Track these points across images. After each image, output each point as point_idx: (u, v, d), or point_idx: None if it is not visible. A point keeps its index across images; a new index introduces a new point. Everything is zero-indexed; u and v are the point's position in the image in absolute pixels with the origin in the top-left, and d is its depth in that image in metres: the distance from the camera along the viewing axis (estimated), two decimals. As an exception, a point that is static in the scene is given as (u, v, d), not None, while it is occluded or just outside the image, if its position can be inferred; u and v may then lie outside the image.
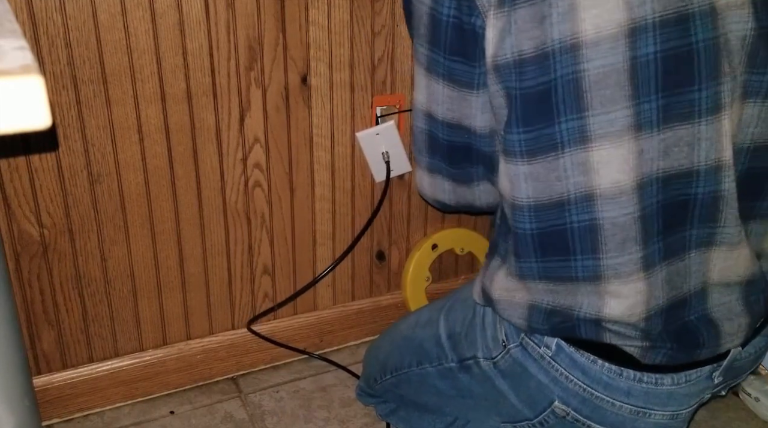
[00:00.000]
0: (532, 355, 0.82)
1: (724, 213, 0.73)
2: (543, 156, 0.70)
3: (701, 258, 0.74)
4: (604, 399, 0.79)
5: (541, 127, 0.69)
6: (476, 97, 0.77)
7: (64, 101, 0.93)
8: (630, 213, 0.70)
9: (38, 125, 0.38)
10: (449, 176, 0.87)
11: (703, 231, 0.73)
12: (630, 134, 0.67)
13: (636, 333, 0.74)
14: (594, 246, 0.72)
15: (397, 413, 1.07)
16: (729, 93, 0.69)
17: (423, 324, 0.99)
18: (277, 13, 1.00)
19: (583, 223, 0.71)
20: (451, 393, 0.95)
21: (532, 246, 0.75)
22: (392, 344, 1.05)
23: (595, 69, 0.66)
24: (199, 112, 1.01)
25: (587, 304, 0.74)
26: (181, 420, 1.11)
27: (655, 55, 0.66)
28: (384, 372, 1.04)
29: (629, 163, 0.68)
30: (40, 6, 0.87)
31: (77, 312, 1.05)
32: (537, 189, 0.72)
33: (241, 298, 1.16)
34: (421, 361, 0.97)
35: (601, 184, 0.69)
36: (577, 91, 0.67)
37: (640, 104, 0.67)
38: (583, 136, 0.68)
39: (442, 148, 0.84)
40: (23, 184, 0.95)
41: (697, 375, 0.79)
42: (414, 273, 1.26)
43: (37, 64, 0.40)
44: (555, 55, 0.66)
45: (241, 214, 1.10)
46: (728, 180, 0.71)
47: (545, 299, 0.77)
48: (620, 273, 0.72)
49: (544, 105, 0.68)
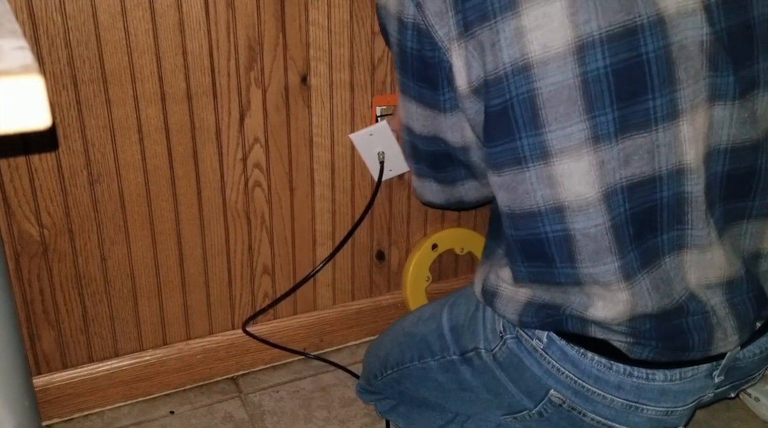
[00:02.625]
0: (526, 347, 0.83)
1: (690, 215, 0.73)
2: (509, 169, 0.74)
3: (676, 263, 0.75)
4: (596, 392, 0.80)
5: (503, 142, 0.73)
6: (444, 118, 0.81)
7: (64, 101, 0.93)
8: (600, 224, 0.71)
9: (38, 125, 0.38)
10: (435, 180, 0.92)
11: (672, 235, 0.74)
12: (588, 147, 0.69)
13: (621, 330, 0.76)
14: (570, 256, 0.74)
15: (397, 409, 1.08)
16: (688, 98, 0.70)
17: (426, 320, 1.00)
18: (277, 13, 1.00)
19: (557, 234, 0.73)
20: (452, 386, 0.95)
21: (517, 251, 0.78)
22: (394, 341, 1.05)
23: (547, 87, 0.68)
24: (199, 112, 1.01)
25: (576, 303, 0.76)
26: (181, 420, 1.11)
27: (605, 70, 0.67)
28: (385, 368, 1.04)
29: (591, 175, 0.70)
30: (40, 6, 0.87)
31: (77, 312, 1.05)
32: (510, 199, 0.75)
33: (241, 298, 1.16)
34: (423, 355, 0.98)
35: (567, 197, 0.71)
36: (532, 109, 0.69)
37: (596, 117, 0.68)
38: (543, 152, 0.70)
39: (424, 156, 0.89)
40: (23, 184, 0.95)
41: (693, 373, 0.79)
42: (414, 273, 1.26)
43: (37, 64, 0.40)
44: (508, 77, 0.69)
45: (241, 214, 1.10)
46: (691, 182, 0.72)
47: (541, 296, 0.79)
48: (600, 282, 0.73)
49: (505, 122, 0.71)
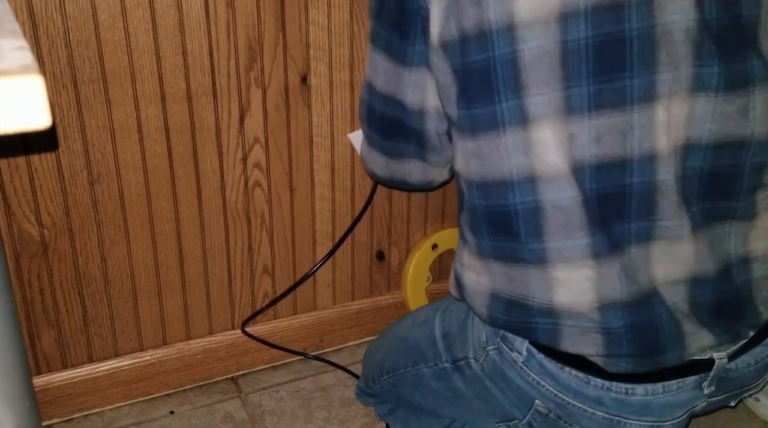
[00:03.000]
0: (507, 360, 0.82)
1: (661, 205, 0.71)
2: (485, 134, 0.72)
3: (642, 255, 0.73)
4: (576, 406, 0.79)
5: (482, 104, 0.71)
6: (408, 73, 0.79)
7: (64, 101, 0.93)
8: (571, 196, 0.70)
9: (38, 125, 0.38)
10: (382, 150, 0.90)
11: (641, 225, 0.72)
12: (560, 117, 0.68)
13: (593, 327, 0.73)
14: (538, 229, 0.72)
15: (395, 413, 1.07)
16: (667, 83, 0.68)
17: (419, 324, 0.99)
18: (277, 13, 1.00)
19: (526, 205, 0.72)
20: (446, 394, 0.95)
21: (484, 223, 0.76)
22: (389, 345, 1.05)
23: (530, 50, 0.67)
24: (199, 112, 1.01)
25: (539, 293, 0.74)
26: (181, 420, 1.11)
27: (586, 41, 0.66)
28: (381, 372, 1.04)
29: (564, 146, 0.69)
30: (40, 6, 0.87)
31: (77, 312, 1.05)
32: (482, 166, 0.74)
33: (241, 298, 1.16)
34: (417, 362, 0.97)
35: (541, 167, 0.70)
36: (514, 71, 0.68)
37: (571, 88, 0.67)
38: (522, 116, 0.69)
39: (377, 119, 0.88)
40: (23, 184, 0.95)
41: (679, 386, 0.77)
42: (414, 273, 1.26)
43: (37, 64, 0.40)
44: (492, 34, 0.68)
45: (241, 214, 1.10)
46: (664, 171, 0.70)
47: (504, 287, 0.77)
48: (566, 258, 0.72)
49: (486, 83, 0.70)
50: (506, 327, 0.80)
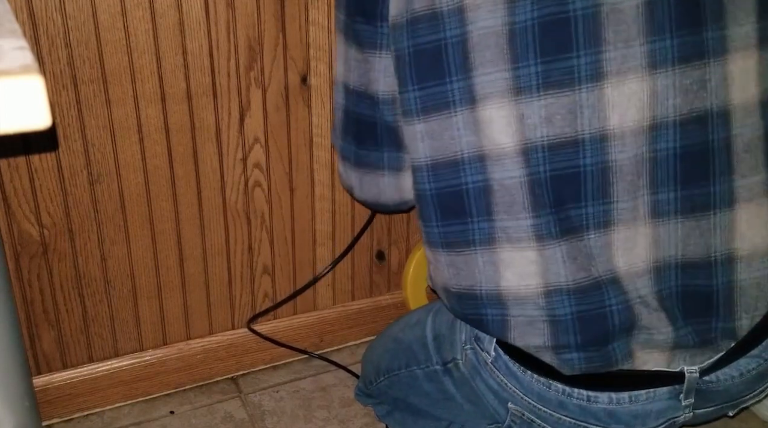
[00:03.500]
0: (480, 360, 0.83)
1: (615, 186, 0.70)
2: (437, 113, 0.72)
3: (602, 242, 0.71)
4: (542, 410, 0.79)
5: (433, 84, 0.72)
6: (379, 58, 0.79)
7: (64, 101, 0.93)
8: (515, 177, 0.70)
9: (38, 125, 0.38)
10: (357, 162, 0.88)
11: (598, 209, 0.71)
12: (509, 97, 0.68)
13: (539, 315, 0.72)
14: (488, 208, 0.73)
15: (393, 415, 1.07)
16: (616, 62, 0.68)
17: (412, 326, 0.99)
18: (277, 13, 1.00)
19: (476, 184, 0.72)
20: (438, 396, 0.95)
21: (433, 208, 0.76)
22: (384, 346, 1.05)
23: (478, 31, 0.68)
24: (199, 112, 1.01)
25: (485, 280, 0.75)
26: (181, 420, 1.11)
27: (532, 21, 0.67)
28: (378, 374, 1.04)
29: (512, 126, 0.69)
30: (40, 6, 0.87)
31: (77, 312, 1.05)
32: (433, 147, 0.74)
33: (241, 298, 1.16)
34: (410, 363, 0.97)
35: (488, 145, 0.70)
36: (463, 52, 0.69)
37: (519, 68, 0.68)
38: (471, 96, 0.70)
39: (351, 124, 0.86)
40: (23, 184, 0.95)
41: (648, 396, 0.76)
42: (415, 273, 1.26)
43: (37, 64, 0.40)
44: (443, 16, 0.69)
45: (241, 214, 1.10)
46: (616, 151, 0.69)
47: (451, 280, 0.78)
48: (511, 238, 0.72)
49: (437, 63, 0.71)
50: (464, 320, 0.81)
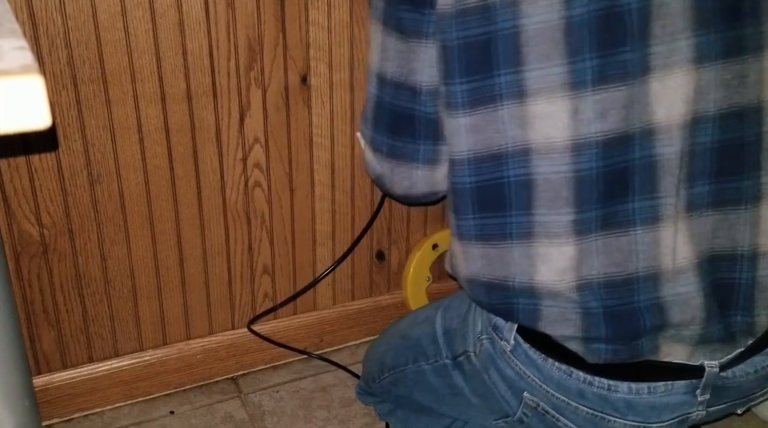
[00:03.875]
0: (497, 349, 0.83)
1: (663, 181, 0.70)
2: (482, 107, 0.72)
3: (650, 238, 0.71)
4: (560, 398, 0.79)
5: (480, 77, 0.71)
6: (424, 47, 0.77)
7: (64, 101, 0.93)
8: (561, 172, 0.70)
9: (38, 125, 0.38)
10: (390, 154, 0.86)
11: (646, 204, 0.71)
12: (563, 92, 0.68)
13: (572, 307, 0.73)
14: (528, 202, 0.72)
15: (395, 413, 1.07)
16: (662, 55, 0.68)
17: (420, 322, 1.00)
18: (277, 13, 1.00)
19: (518, 178, 0.72)
20: (445, 391, 0.95)
21: (470, 201, 0.76)
22: (390, 343, 1.05)
23: (533, 25, 0.67)
24: (199, 112, 1.01)
25: (520, 273, 0.74)
26: (181, 420, 1.11)
27: (588, 15, 0.66)
28: (382, 370, 1.04)
29: (563, 121, 0.69)
30: (40, 6, 0.87)
31: (77, 312, 1.05)
32: (477, 141, 0.73)
33: (241, 298, 1.16)
34: (417, 359, 0.97)
35: (536, 139, 0.70)
36: (515, 45, 0.68)
37: (575, 63, 0.67)
38: (519, 91, 0.69)
39: (386, 115, 0.84)
40: (23, 184, 0.95)
41: (666, 389, 0.76)
42: (415, 273, 1.26)
43: (37, 64, 0.40)
44: (496, 8, 0.68)
45: (241, 214, 1.10)
46: (662, 145, 0.70)
47: (481, 271, 0.78)
48: (550, 233, 0.72)
49: (484, 56, 0.70)
50: (491, 311, 0.80)
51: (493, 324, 0.82)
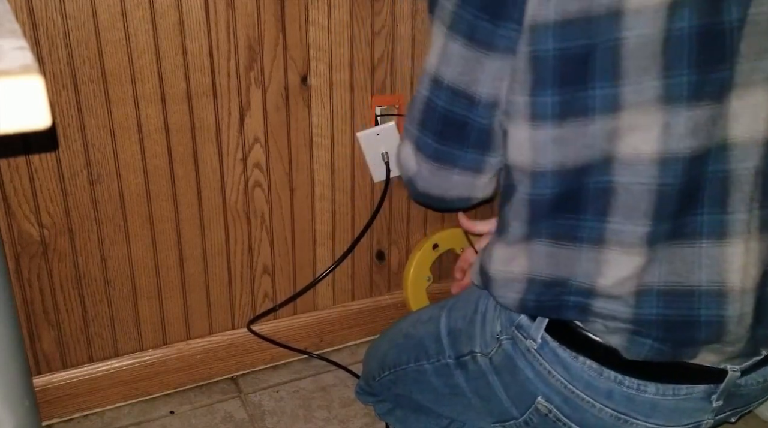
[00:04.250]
0: (520, 348, 0.82)
1: (733, 196, 0.71)
2: (573, 119, 0.71)
3: (715, 252, 0.72)
4: (585, 399, 0.79)
5: (574, 89, 0.70)
6: (491, 61, 0.75)
7: (64, 101, 0.93)
8: (644, 183, 0.70)
9: (38, 125, 0.38)
10: (433, 156, 0.84)
11: (715, 218, 0.71)
12: (657, 106, 0.68)
13: (624, 312, 0.73)
14: (604, 209, 0.72)
15: (394, 413, 1.07)
16: (745, 73, 0.68)
17: (424, 322, 1.00)
18: (277, 13, 1.00)
19: (599, 185, 0.72)
20: (445, 391, 0.95)
21: (548, 208, 0.75)
22: (392, 342, 1.05)
23: (635, 38, 0.66)
24: (199, 112, 1.01)
25: (583, 274, 0.74)
26: (181, 420, 1.11)
27: (689, 30, 0.66)
28: (383, 369, 1.04)
29: (653, 134, 0.68)
30: (40, 6, 0.87)
31: (77, 312, 1.05)
32: (563, 154, 0.72)
33: (241, 298, 1.16)
34: (419, 358, 0.97)
35: (622, 150, 0.70)
36: (614, 59, 0.67)
37: (672, 77, 0.67)
38: (614, 104, 0.68)
39: (436, 119, 0.81)
40: (23, 184, 0.95)
41: (688, 392, 0.77)
42: (415, 273, 1.26)
43: (37, 64, 0.40)
44: (600, 20, 0.67)
45: (241, 214, 1.10)
46: (736, 160, 0.70)
47: (544, 270, 0.77)
48: (622, 242, 0.72)
49: (581, 68, 0.69)
50: (535, 309, 0.79)
51: (516, 324, 0.82)
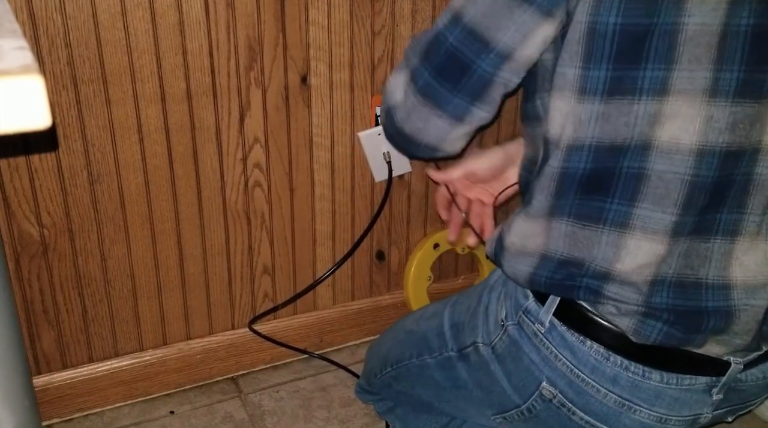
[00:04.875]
0: (526, 332, 0.83)
1: (752, 198, 0.72)
2: (620, 97, 0.71)
3: (725, 249, 0.74)
4: (590, 384, 0.79)
5: (626, 68, 0.70)
6: (522, 12, 0.73)
7: (64, 101, 0.93)
8: (679, 173, 0.70)
9: (38, 125, 0.38)
10: (422, 90, 0.82)
11: (731, 217, 0.73)
12: (704, 97, 0.68)
13: (636, 299, 0.74)
14: (633, 194, 0.73)
15: (394, 411, 1.08)
16: None
17: (427, 318, 1.01)
18: (277, 13, 1.00)
19: (632, 170, 0.72)
20: (447, 384, 0.95)
21: (578, 184, 0.75)
22: (395, 338, 1.05)
23: (694, 25, 0.67)
24: (199, 112, 1.01)
25: (601, 258, 0.75)
26: (181, 420, 1.11)
27: (745, 28, 0.67)
28: (384, 365, 1.05)
29: (695, 125, 0.69)
30: (40, 6, 0.87)
31: (77, 312, 1.05)
32: (604, 130, 0.72)
33: (241, 298, 1.16)
34: (422, 353, 0.98)
35: (661, 137, 0.70)
36: (671, 43, 0.68)
37: (722, 71, 0.68)
38: (663, 88, 0.69)
39: (441, 54, 0.80)
40: (23, 184, 0.95)
41: (690, 382, 0.78)
42: (416, 272, 1.26)
43: (37, 64, 0.40)
44: (664, 1, 0.67)
45: (241, 214, 1.10)
46: (764, 164, 0.71)
47: (560, 249, 0.77)
48: (647, 229, 0.72)
49: (638, 47, 0.69)
50: (544, 285, 0.79)
51: (524, 308, 0.83)
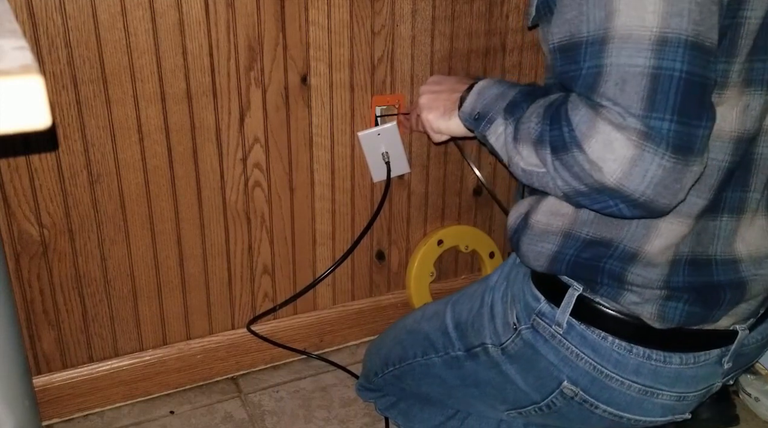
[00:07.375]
0: (543, 335, 0.83)
1: (755, 177, 0.75)
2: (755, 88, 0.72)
3: (731, 226, 0.76)
4: (614, 378, 0.80)
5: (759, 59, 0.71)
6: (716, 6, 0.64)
7: (64, 101, 0.93)
8: (717, 159, 0.72)
9: (38, 125, 0.38)
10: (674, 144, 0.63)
11: (735, 195, 0.75)
12: (740, 87, 0.70)
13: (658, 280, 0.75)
14: None
15: (397, 406, 1.08)
16: None
17: (429, 317, 1.01)
18: (277, 13, 1.00)
19: None
20: (456, 382, 0.96)
21: None
22: (396, 338, 1.06)
23: (749, 19, 0.68)
24: (199, 112, 1.01)
25: (629, 238, 0.75)
26: (181, 420, 1.11)
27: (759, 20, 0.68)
28: (386, 364, 1.05)
29: (733, 113, 0.71)
30: (40, 6, 0.87)
31: (77, 312, 1.05)
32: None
33: (241, 298, 1.16)
34: (427, 352, 0.98)
35: None
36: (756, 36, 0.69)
37: (754, 61, 0.70)
38: (724, 81, 0.70)
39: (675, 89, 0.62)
40: (23, 184, 0.95)
41: (706, 358, 0.80)
42: (419, 268, 1.26)
43: (37, 64, 0.40)
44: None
45: (241, 214, 1.10)
46: (764, 145, 0.74)
47: (588, 229, 0.77)
48: (680, 211, 0.73)
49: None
50: (568, 265, 0.79)
51: (537, 311, 0.83)
